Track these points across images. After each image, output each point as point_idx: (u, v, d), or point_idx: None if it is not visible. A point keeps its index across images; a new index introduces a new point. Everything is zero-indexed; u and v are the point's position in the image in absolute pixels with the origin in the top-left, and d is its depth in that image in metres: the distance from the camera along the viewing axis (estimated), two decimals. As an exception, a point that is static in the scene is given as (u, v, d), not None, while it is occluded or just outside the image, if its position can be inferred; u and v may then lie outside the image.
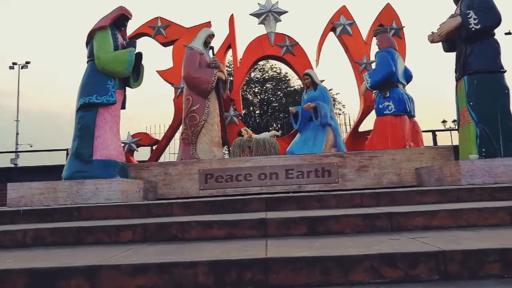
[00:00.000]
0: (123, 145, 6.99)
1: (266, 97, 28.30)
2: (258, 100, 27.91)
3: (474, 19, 4.23)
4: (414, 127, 5.65)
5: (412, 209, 2.60)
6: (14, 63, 30.58)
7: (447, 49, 4.84)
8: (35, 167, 13.12)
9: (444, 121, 21.36)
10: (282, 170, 5.24)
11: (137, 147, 7.03)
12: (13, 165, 17.46)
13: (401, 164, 5.20)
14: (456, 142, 12.39)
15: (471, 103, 4.25)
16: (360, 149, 6.84)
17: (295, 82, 28.14)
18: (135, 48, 4.91)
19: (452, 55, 4.71)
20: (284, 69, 28.13)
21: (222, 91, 6.39)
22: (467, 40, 4.35)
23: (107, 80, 4.66)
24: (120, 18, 4.92)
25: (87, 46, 4.83)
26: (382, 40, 5.80)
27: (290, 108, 6.48)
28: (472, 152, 4.17)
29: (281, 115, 27.99)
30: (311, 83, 6.45)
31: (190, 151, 5.83)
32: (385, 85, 5.59)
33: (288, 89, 28.01)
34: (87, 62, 4.79)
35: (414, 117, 5.78)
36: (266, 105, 28.16)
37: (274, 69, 27.58)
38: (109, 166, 4.53)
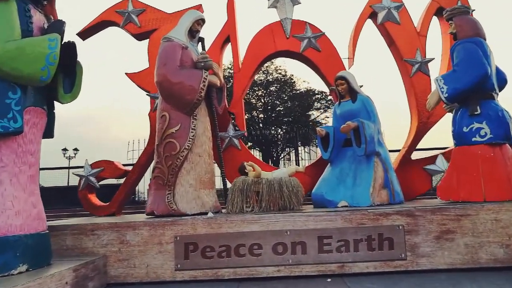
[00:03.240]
0: (78, 178, 5.00)
1: (270, 100, 26.42)
2: (261, 103, 26.01)
3: None
4: (519, 162, 3.55)
5: None
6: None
7: None
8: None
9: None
10: (312, 237, 3.18)
11: (99, 181, 4.99)
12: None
13: (511, 229, 3.13)
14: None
15: None
16: (415, 188, 4.80)
17: (301, 84, 26.25)
18: (62, 34, 2.85)
19: None
20: (290, 70, 26.17)
21: (217, 104, 4.33)
22: None
23: (6, 91, 2.59)
24: (37, -16, 2.87)
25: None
26: (463, 24, 3.72)
27: (318, 129, 4.40)
28: None
29: (285, 119, 26.09)
30: (348, 91, 4.38)
31: (165, 198, 3.75)
32: (473, 96, 3.53)
33: (294, 92, 26.14)
34: (-25, 59, 2.73)
35: (514, 144, 3.68)
36: (271, 109, 26.24)
37: (279, 71, 25.69)
38: (4, 251, 2.47)
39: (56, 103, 3.13)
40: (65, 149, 24.39)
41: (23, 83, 2.65)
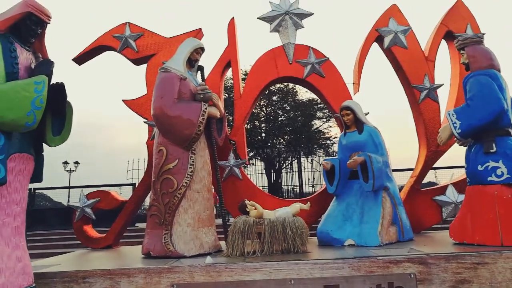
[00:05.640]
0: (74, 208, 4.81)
1: (272, 110, 26.26)
2: (263, 113, 25.84)
3: None
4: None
5: None
6: None
7: None
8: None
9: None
10: (318, 287, 2.96)
11: (94, 211, 4.80)
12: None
13: (532, 278, 2.92)
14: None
15: None
16: (424, 221, 4.60)
17: (304, 95, 26.08)
18: (49, 75, 2.68)
19: None
20: (293, 81, 26.06)
21: (217, 136, 4.14)
22: None
23: (-11, 139, 2.42)
24: (24, 21, 2.70)
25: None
26: (477, 55, 3.52)
27: (323, 162, 4.21)
28: None
29: (287, 129, 25.89)
30: (354, 122, 4.19)
31: (161, 238, 3.56)
32: (488, 132, 3.32)
33: (296, 101, 25.98)
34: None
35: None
36: (273, 119, 26.07)
37: (281, 81, 25.45)
38: (-17, 314, 2.29)
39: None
40: (65, 162, 24.23)
41: (7, 129, 2.48)
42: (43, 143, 2.90)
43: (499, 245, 3.17)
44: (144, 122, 4.82)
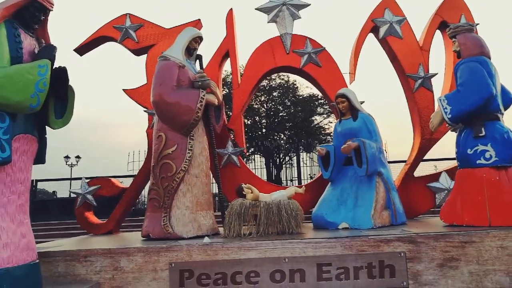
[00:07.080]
0: (75, 196, 4.93)
1: (273, 106, 26.33)
2: (264, 109, 25.91)
3: None
4: (525, 186, 3.43)
5: None
6: None
7: None
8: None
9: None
10: (311, 265, 3.07)
11: (96, 198, 4.91)
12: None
13: (517, 256, 3.03)
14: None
15: None
16: (418, 207, 4.70)
17: (304, 90, 26.14)
18: (52, 59, 2.79)
19: None
20: (292, 76, 26.13)
21: (215, 123, 4.24)
22: None
23: (-6, 119, 2.53)
24: (28, 8, 2.80)
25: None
26: (467, 42, 3.62)
27: (318, 148, 4.32)
28: None
29: (288, 124, 25.97)
30: (349, 109, 4.29)
31: (160, 220, 3.67)
32: (478, 117, 3.42)
33: (296, 97, 26.04)
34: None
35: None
36: (273, 115, 26.15)
37: (282, 77, 25.56)
38: (-11, 285, 2.40)
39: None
40: (67, 157, 24.39)
41: (11, 111, 2.58)
42: (46, 126, 3.01)
43: (487, 226, 3.27)
44: (144, 111, 4.92)
